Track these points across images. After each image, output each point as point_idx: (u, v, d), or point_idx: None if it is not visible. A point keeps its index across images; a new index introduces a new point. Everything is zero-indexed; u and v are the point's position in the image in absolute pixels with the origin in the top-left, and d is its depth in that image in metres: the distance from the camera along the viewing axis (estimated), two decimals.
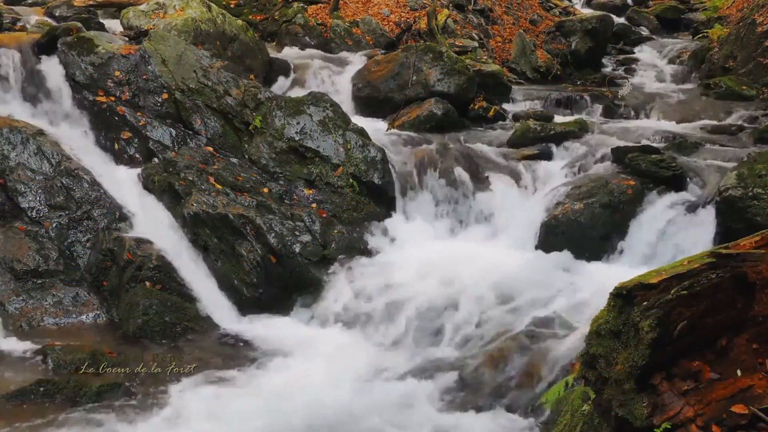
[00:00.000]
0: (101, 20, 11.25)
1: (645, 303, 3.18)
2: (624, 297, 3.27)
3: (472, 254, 7.58)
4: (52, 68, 8.37)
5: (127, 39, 10.15)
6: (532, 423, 5.42)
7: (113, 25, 11.28)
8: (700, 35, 14.81)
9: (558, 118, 10.47)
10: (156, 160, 8.04)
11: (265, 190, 7.90)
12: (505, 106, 11.34)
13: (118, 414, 5.55)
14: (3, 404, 5.57)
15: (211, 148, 8.23)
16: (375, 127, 9.53)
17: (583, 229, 7.61)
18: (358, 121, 9.10)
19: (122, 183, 7.82)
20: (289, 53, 12.16)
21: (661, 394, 3.17)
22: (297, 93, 9.96)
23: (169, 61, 8.58)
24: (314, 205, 7.95)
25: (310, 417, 5.46)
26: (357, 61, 11.79)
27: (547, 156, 9.05)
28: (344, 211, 8.02)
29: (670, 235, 7.45)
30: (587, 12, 16.42)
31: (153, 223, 7.50)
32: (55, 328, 6.74)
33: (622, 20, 17.00)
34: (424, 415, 5.58)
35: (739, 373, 3.17)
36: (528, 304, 6.63)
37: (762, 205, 6.95)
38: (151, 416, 5.53)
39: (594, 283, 6.71)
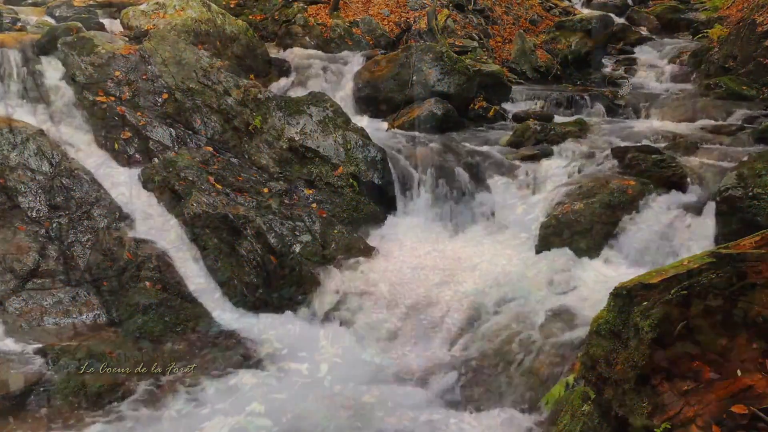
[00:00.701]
0: (101, 20, 11.24)
1: (645, 303, 3.19)
2: (624, 297, 3.28)
3: (472, 254, 7.59)
4: (52, 68, 8.38)
5: (127, 39, 10.15)
6: (533, 423, 5.42)
7: (113, 25, 11.27)
8: (700, 35, 14.80)
9: (558, 118, 10.47)
10: (156, 160, 8.04)
11: (265, 190, 7.90)
12: (505, 106, 11.34)
13: (117, 414, 5.55)
14: (3, 404, 5.57)
15: (211, 148, 8.23)
16: (375, 127, 9.54)
17: (583, 228, 7.61)
18: (358, 121, 9.11)
19: (122, 183, 7.83)
20: (289, 53, 12.15)
21: (661, 394, 3.17)
22: (297, 93, 9.96)
23: (169, 61, 8.58)
24: (314, 205, 7.96)
25: (310, 417, 5.46)
26: (357, 61, 11.78)
27: (547, 156, 9.05)
28: (344, 211, 8.03)
29: (670, 234, 7.45)
30: (587, 12, 16.43)
31: (153, 223, 7.51)
32: (55, 328, 6.73)
33: (622, 20, 17.00)
34: (423, 414, 5.58)
35: (739, 373, 3.17)
36: (527, 304, 6.63)
37: (762, 205, 6.95)
38: (151, 416, 5.53)
39: (594, 283, 6.71)
